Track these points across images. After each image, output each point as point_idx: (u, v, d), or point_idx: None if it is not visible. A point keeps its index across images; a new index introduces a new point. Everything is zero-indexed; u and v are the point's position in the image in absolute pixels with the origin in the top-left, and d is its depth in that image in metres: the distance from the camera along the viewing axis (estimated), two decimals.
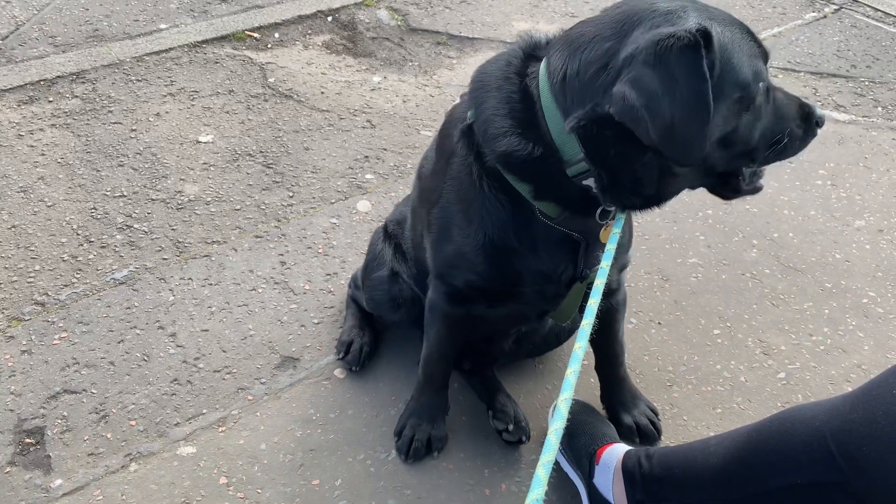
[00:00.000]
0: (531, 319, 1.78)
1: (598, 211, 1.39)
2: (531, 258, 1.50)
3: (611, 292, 1.73)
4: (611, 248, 1.40)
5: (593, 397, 1.97)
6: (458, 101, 1.59)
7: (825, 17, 3.88)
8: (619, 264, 1.68)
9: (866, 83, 3.35)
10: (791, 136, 1.42)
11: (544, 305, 1.65)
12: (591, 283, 1.42)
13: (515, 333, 1.91)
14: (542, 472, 1.06)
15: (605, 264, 1.36)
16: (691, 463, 1.50)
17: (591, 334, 1.87)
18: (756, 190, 1.48)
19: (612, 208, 1.39)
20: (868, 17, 3.87)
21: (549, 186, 1.38)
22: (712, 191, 1.47)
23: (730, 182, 1.43)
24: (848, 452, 1.20)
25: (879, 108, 3.19)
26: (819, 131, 1.48)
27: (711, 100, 1.19)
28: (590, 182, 1.34)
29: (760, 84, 1.31)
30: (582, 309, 1.51)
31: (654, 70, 1.18)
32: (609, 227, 1.43)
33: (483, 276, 1.55)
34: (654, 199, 1.38)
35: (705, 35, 1.20)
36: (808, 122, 1.44)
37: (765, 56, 1.36)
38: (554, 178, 1.36)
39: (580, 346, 1.23)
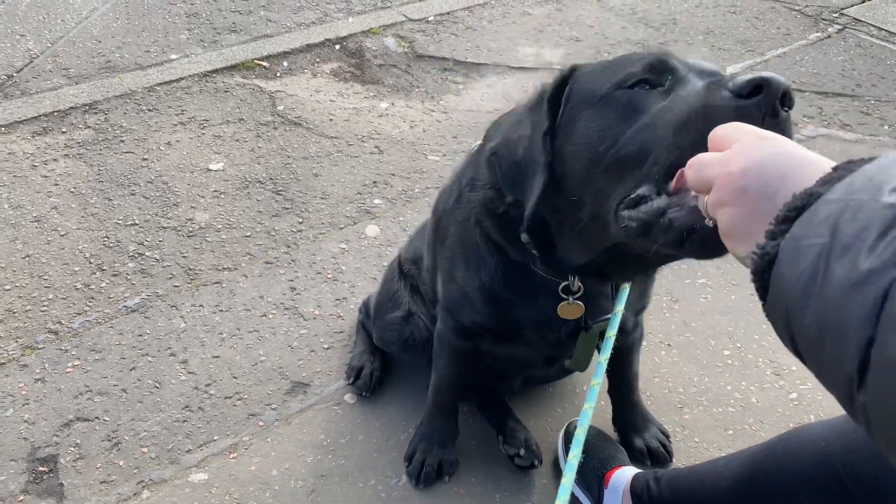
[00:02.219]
0: (539, 364, 1.74)
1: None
2: (528, 307, 1.48)
3: (627, 331, 1.72)
4: (618, 310, 1.40)
5: (604, 420, 1.97)
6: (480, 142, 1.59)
7: (829, 37, 3.90)
8: (636, 308, 1.66)
9: (872, 102, 3.36)
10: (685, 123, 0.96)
11: (549, 351, 1.61)
12: (602, 331, 1.42)
13: (524, 375, 1.91)
14: (565, 497, 1.07)
15: (619, 309, 1.37)
16: (699, 485, 1.49)
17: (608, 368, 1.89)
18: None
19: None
20: (872, 36, 3.89)
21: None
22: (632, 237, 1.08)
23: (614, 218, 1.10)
24: (854, 473, 1.20)
25: (886, 127, 3.19)
26: (754, 101, 0.90)
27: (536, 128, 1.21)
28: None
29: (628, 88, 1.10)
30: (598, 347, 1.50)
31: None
32: (569, 304, 1.39)
33: (484, 317, 1.55)
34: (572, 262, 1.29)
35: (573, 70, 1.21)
36: (714, 94, 0.95)
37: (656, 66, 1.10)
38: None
39: (597, 383, 1.23)
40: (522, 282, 1.45)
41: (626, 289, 1.41)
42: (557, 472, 1.85)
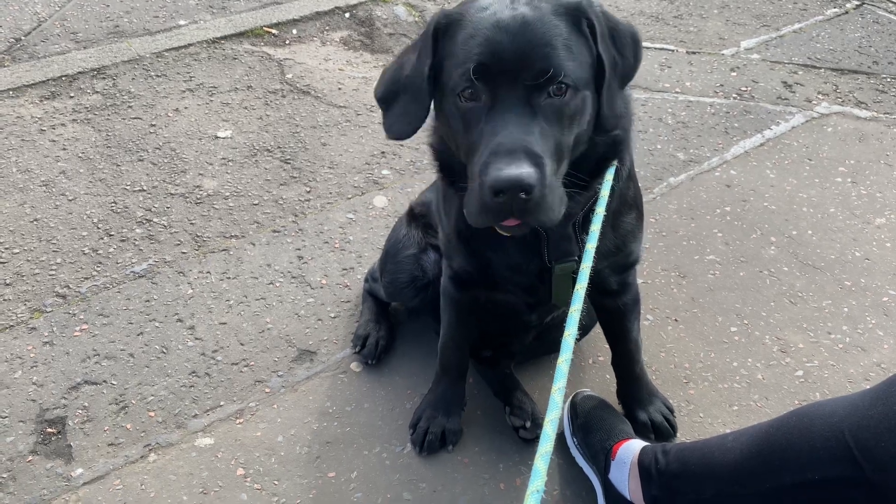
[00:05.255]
0: (524, 311, 1.77)
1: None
2: (497, 251, 1.54)
3: (612, 293, 1.72)
4: (599, 210, 1.41)
5: (609, 393, 1.97)
6: None
7: (846, 12, 3.84)
8: (619, 264, 1.65)
9: (888, 80, 3.31)
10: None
11: (525, 297, 1.65)
12: (574, 270, 1.45)
13: (537, 328, 1.92)
14: (541, 464, 1.08)
15: (591, 246, 1.37)
16: (708, 458, 1.50)
17: (603, 329, 1.89)
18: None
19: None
20: (890, 12, 3.83)
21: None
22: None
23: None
24: (867, 448, 1.20)
25: None
26: (499, 200, 1.19)
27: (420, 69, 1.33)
28: None
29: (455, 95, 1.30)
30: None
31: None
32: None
33: (466, 261, 1.61)
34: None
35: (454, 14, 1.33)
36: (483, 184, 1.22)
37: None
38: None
39: (570, 334, 1.25)
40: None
41: (595, 231, 1.40)
42: (562, 445, 1.86)
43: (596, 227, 1.40)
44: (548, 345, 2.00)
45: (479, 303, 1.74)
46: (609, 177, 1.43)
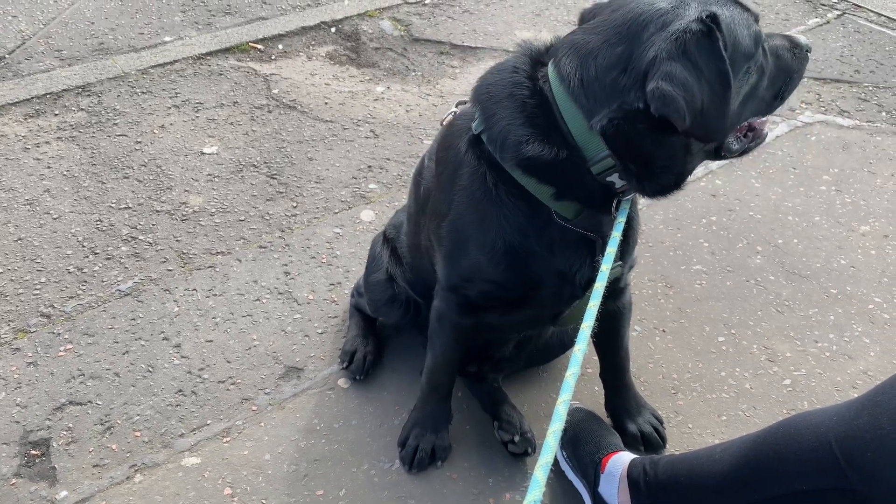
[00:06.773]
0: (544, 322, 1.76)
1: (615, 204, 1.45)
2: (549, 260, 1.52)
3: (616, 293, 1.73)
4: (616, 235, 1.43)
5: (598, 405, 1.97)
6: (455, 110, 1.60)
7: (828, 22, 3.88)
8: (628, 263, 1.68)
9: (870, 88, 3.35)
10: (792, 77, 1.47)
11: (560, 307, 1.65)
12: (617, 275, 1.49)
13: (515, 340, 1.91)
14: (541, 474, 1.07)
15: (605, 267, 1.37)
16: (696, 470, 1.49)
17: (593, 337, 1.89)
18: (758, 142, 1.53)
19: (627, 198, 1.46)
20: (871, 21, 3.87)
21: (570, 187, 1.42)
22: (717, 157, 1.49)
23: (724, 145, 1.46)
24: (853, 459, 1.20)
25: (883, 113, 3.18)
26: (810, 56, 1.52)
27: (731, 76, 1.28)
28: (613, 178, 1.39)
29: (761, 46, 1.38)
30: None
31: (681, 63, 1.25)
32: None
33: (500, 285, 1.56)
34: (679, 179, 1.43)
35: (714, 19, 1.28)
36: (799, 56, 1.48)
37: (755, 18, 1.40)
38: (575, 178, 1.40)
39: (580, 349, 1.25)
40: (546, 232, 1.49)
41: (611, 253, 1.41)
42: None
43: (612, 250, 1.41)
44: (530, 353, 1.99)
45: (482, 324, 1.71)
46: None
